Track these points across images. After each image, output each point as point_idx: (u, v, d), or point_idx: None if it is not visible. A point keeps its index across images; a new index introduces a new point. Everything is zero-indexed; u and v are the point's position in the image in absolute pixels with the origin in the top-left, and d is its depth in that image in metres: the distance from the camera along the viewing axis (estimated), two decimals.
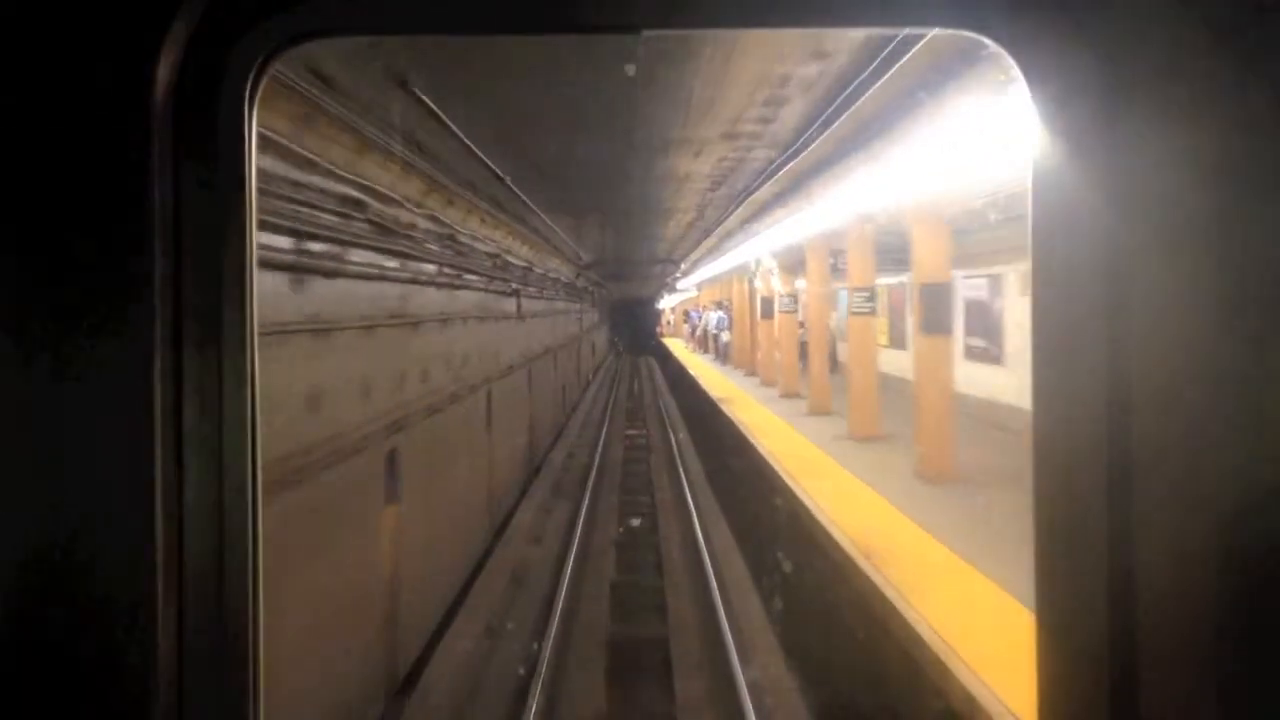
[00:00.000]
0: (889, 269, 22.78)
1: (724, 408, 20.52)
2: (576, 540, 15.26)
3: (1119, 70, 1.37)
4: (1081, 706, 1.41)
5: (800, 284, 23.41)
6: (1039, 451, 1.43)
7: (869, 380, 15.41)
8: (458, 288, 12.53)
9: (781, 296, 22.51)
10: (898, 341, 24.59)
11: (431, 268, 11.12)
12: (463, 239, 12.46)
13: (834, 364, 26.51)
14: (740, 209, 16.22)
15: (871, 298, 15.32)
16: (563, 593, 12.32)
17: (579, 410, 33.51)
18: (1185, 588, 1.35)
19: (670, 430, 27.19)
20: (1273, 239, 1.33)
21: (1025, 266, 1.52)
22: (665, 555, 14.77)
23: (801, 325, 24.49)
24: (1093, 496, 1.39)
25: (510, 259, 17.42)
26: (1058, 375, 1.42)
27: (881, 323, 25.83)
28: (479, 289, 14.33)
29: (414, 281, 10.11)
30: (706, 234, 23.00)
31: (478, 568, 13.02)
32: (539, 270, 22.58)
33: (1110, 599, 1.38)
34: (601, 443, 25.82)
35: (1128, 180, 1.37)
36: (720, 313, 36.41)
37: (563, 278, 29.27)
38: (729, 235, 23.17)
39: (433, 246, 11.09)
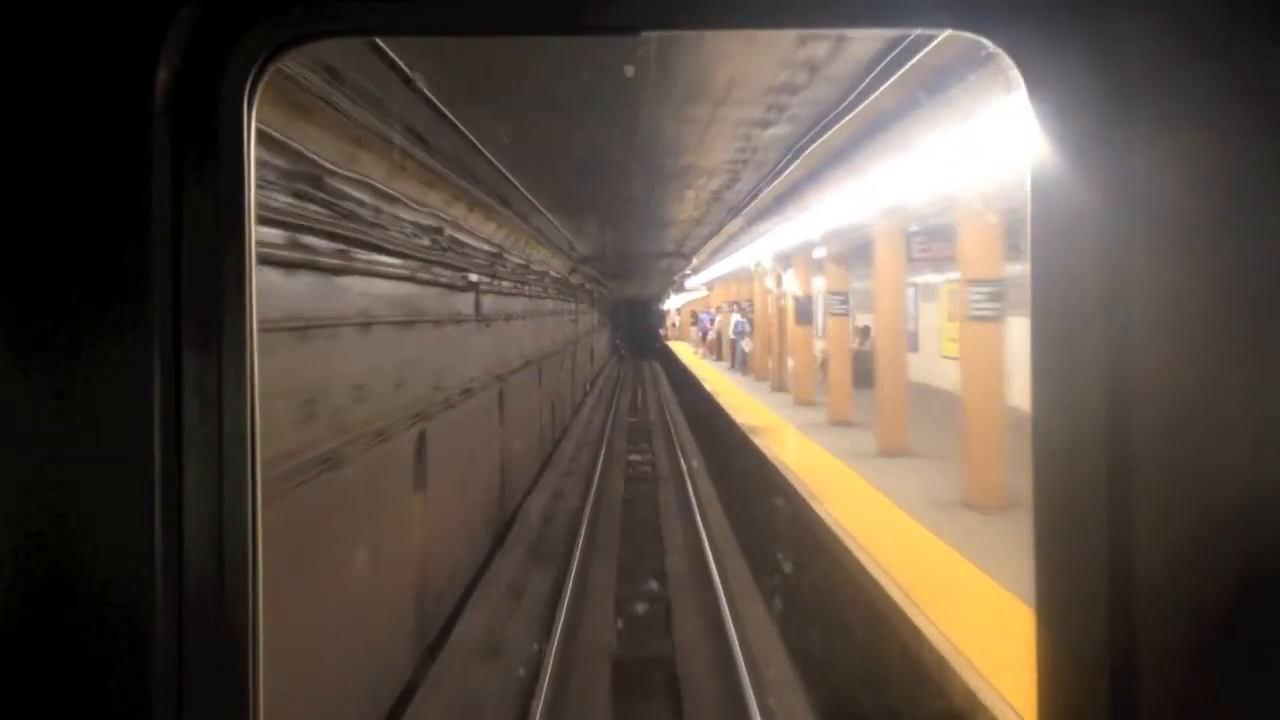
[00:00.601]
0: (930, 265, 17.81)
1: (756, 441, 15.34)
2: (552, 657, 10.14)
3: (1118, 74, 1.37)
4: (1081, 705, 1.39)
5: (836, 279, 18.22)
6: (1038, 452, 1.42)
7: (994, 414, 10.17)
8: (341, 272, 7.38)
9: (830, 296, 17.32)
10: None
11: (268, 232, 5.98)
12: (346, 190, 7.29)
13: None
14: (804, 150, 10.94)
15: (998, 295, 10.14)
16: None
17: (572, 431, 28.33)
18: (1185, 586, 1.35)
19: (686, 472, 21.93)
20: (1270, 242, 1.35)
21: None
22: (687, 688, 9.64)
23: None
24: (1093, 496, 1.39)
25: (464, 238, 12.27)
26: (1057, 377, 1.41)
27: (952, 328, 20.73)
28: (399, 277, 9.18)
29: None
30: (734, 212, 17.81)
31: None
32: (516, 259, 17.42)
33: (1110, 598, 1.37)
34: (597, 477, 20.67)
35: (1126, 183, 1.37)
36: (739, 316, 31.14)
37: (552, 271, 24.10)
38: (759, 216, 17.99)
39: (271, 194, 5.96)
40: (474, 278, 13.22)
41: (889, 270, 13.95)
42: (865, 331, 21.68)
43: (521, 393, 18.53)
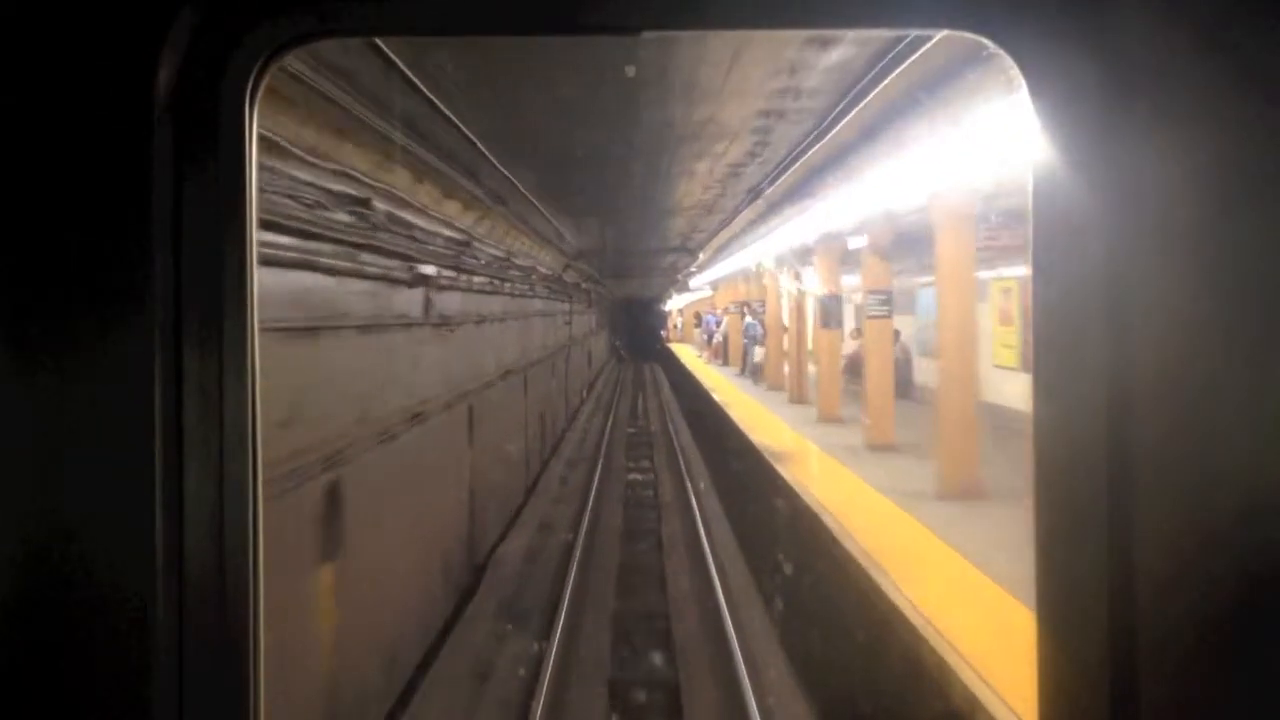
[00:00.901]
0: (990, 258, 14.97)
1: (781, 471, 12.51)
2: None
3: (1119, 72, 1.37)
4: (1082, 706, 1.39)
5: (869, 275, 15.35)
6: (1039, 452, 1.42)
7: None
8: None
9: (869, 294, 14.46)
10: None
11: None
12: None
13: (909, 388, 18.82)
14: (867, 93, 8.01)
15: None
16: None
17: (566, 444, 25.46)
18: (1186, 587, 1.35)
19: (692, 493, 19.00)
20: (1271, 241, 1.35)
21: None
22: None
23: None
24: (1093, 496, 1.39)
25: (409, 217, 9.41)
26: (1058, 376, 1.42)
27: (1006, 333, 17.87)
28: (289, 262, 6.31)
29: None
30: (754, 194, 14.96)
31: None
32: (492, 250, 14.58)
33: (1110, 599, 1.37)
34: (591, 501, 17.82)
35: (1128, 182, 1.37)
36: (750, 318, 28.25)
37: (541, 267, 21.25)
38: (784, 198, 15.15)
39: None
40: (429, 270, 10.37)
41: (954, 262, 11.05)
42: (894, 336, 18.96)
43: (501, 408, 15.68)
